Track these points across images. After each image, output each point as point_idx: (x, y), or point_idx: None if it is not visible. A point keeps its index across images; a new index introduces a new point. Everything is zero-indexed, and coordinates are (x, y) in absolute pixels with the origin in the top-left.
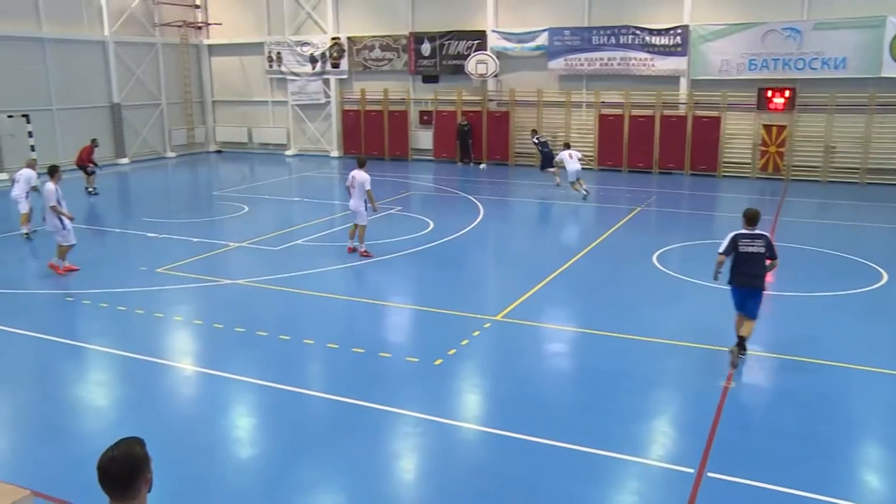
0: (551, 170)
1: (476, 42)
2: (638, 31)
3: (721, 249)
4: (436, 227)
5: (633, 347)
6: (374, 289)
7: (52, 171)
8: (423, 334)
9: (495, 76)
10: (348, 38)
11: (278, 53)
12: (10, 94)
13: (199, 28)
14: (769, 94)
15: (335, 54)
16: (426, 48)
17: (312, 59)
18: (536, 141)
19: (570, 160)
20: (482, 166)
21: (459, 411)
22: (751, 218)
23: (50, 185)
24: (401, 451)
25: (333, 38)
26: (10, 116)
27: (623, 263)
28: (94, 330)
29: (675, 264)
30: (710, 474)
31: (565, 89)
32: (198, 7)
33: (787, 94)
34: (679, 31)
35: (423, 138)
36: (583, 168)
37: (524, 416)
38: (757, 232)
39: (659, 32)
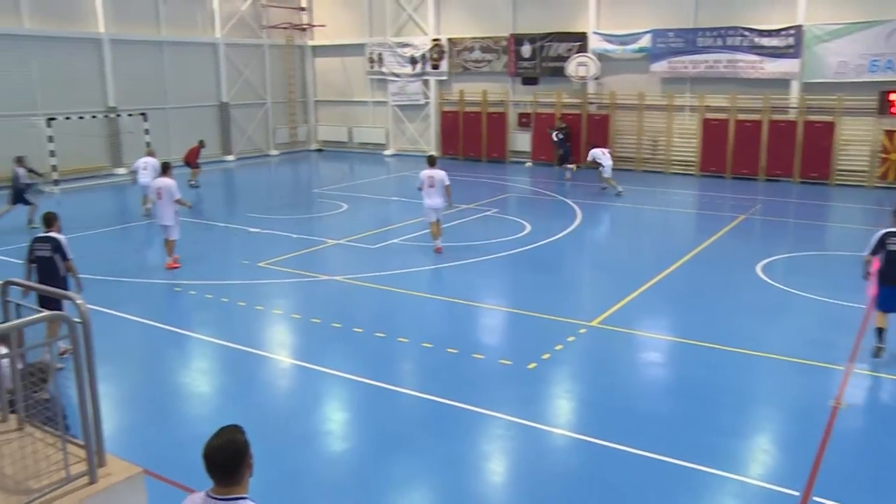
0: (570, 165)
1: (577, 44)
2: (747, 33)
3: (867, 251)
4: (532, 229)
5: (734, 360)
6: (469, 290)
7: (166, 167)
8: (518, 337)
9: (596, 79)
10: (448, 40)
11: (379, 55)
12: (130, 94)
13: (304, 30)
14: (892, 97)
15: (435, 56)
16: (526, 50)
17: (412, 61)
18: (555, 137)
19: (604, 157)
20: (528, 164)
21: (552, 416)
22: None
23: (171, 180)
24: (491, 454)
25: (434, 40)
26: (129, 115)
27: (725, 273)
28: (199, 319)
29: (781, 276)
30: (816, 499)
31: (668, 92)
32: (303, 10)
33: None
34: (792, 31)
35: (521, 140)
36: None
37: (618, 424)
38: None
39: (770, 33)
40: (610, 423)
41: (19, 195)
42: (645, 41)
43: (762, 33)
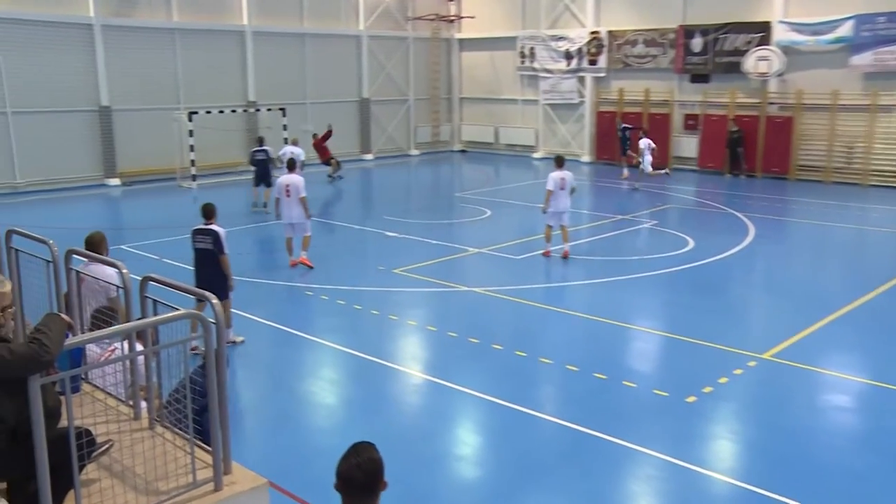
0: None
1: (758, 35)
2: None
3: None
4: (696, 245)
5: None
6: (621, 309)
7: (293, 164)
8: (675, 366)
9: (779, 75)
10: (609, 33)
11: (531, 49)
12: (270, 88)
13: (452, 21)
14: None
15: (593, 50)
16: (697, 43)
17: (568, 56)
18: (623, 128)
19: (647, 152)
20: (634, 179)
21: (712, 459)
22: None
23: (299, 177)
24: (640, 495)
25: (592, 33)
26: (268, 110)
27: None
28: (329, 326)
29: None
30: None
31: (871, 90)
32: (451, 0)
33: None
34: None
35: (687, 145)
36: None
37: (793, 476)
38: None
39: None
40: (783, 473)
41: (265, 176)
42: (845, 29)
43: None
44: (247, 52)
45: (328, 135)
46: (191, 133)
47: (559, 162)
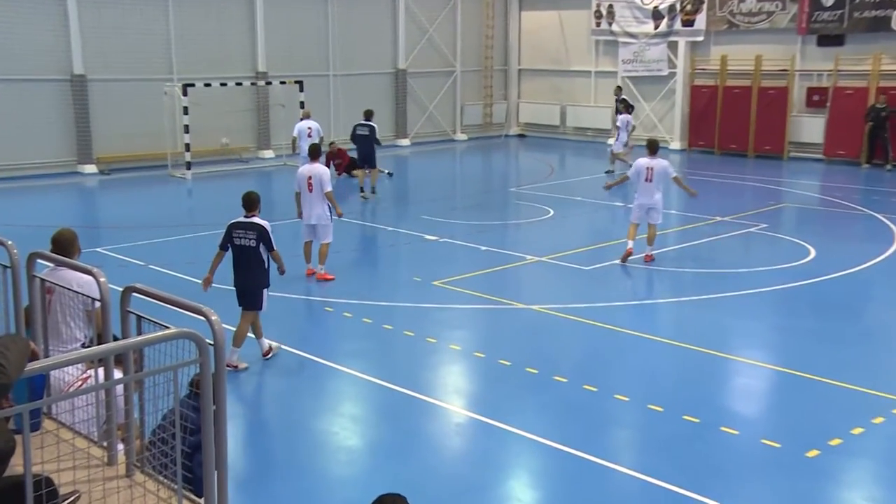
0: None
1: None
2: None
3: None
4: (819, 255)
5: None
6: (719, 335)
7: (317, 151)
8: (791, 410)
9: None
10: None
11: (609, 7)
12: (284, 57)
13: None
14: None
15: (689, 7)
16: None
17: (656, 15)
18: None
19: (624, 130)
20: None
21: None
22: None
23: (325, 168)
24: None
25: None
26: (282, 83)
27: None
28: (353, 350)
29: None
30: None
31: None
32: None
33: None
34: None
35: (810, 127)
36: None
37: None
38: None
39: None
40: None
41: (370, 157)
42: None
43: None
44: (256, 10)
45: (334, 154)
46: (186, 110)
47: (651, 148)
